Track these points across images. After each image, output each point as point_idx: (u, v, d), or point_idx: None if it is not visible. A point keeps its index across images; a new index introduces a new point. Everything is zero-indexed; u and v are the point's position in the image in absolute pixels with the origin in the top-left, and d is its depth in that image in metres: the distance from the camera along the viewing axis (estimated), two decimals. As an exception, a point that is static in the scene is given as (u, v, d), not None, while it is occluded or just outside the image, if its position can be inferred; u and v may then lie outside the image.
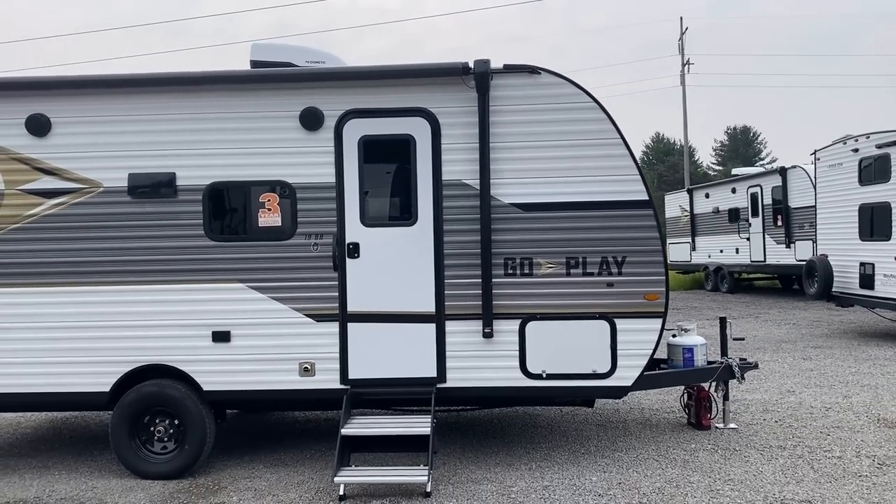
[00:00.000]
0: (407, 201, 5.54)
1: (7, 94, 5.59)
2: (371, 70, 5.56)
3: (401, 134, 5.51)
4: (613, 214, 5.39)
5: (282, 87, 5.52)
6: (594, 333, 5.41)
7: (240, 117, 5.52)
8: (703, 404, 6.51)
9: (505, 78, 5.42)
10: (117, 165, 5.53)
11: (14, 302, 5.58)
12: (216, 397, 5.62)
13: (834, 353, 10.42)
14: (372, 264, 5.52)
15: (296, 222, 5.52)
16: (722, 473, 5.32)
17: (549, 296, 5.44)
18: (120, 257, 5.55)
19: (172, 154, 5.52)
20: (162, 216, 5.54)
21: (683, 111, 37.35)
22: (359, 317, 5.52)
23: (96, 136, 5.54)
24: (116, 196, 5.54)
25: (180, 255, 5.53)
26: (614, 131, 5.41)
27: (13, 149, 5.56)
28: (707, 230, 21.48)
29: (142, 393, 5.57)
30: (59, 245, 5.56)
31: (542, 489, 5.10)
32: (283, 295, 5.52)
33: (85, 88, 5.57)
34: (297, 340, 5.52)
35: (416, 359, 5.51)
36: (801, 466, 5.45)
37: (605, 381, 5.44)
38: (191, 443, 5.56)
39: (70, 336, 5.56)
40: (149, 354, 5.56)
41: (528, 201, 5.44)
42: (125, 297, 5.55)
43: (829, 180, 12.40)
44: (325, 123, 5.49)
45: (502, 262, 5.46)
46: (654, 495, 4.92)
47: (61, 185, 5.56)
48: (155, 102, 5.53)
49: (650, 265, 5.40)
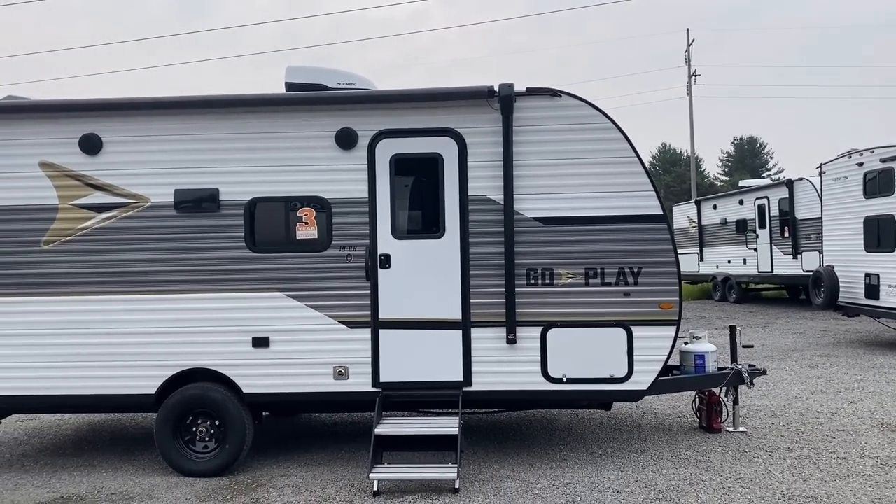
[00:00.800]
0: (435, 215, 5.90)
1: (62, 115, 5.98)
2: (402, 93, 5.94)
3: (430, 152, 5.88)
4: (630, 228, 5.74)
5: (319, 109, 5.90)
6: (612, 340, 5.75)
7: (279, 137, 5.89)
8: (714, 408, 6.82)
9: (528, 100, 5.78)
10: (164, 182, 5.92)
11: (67, 309, 5.95)
12: (255, 399, 5.97)
13: (840, 361, 10.71)
14: (402, 274, 5.87)
15: (331, 235, 5.88)
16: (733, 472, 5.64)
17: (569, 304, 5.78)
18: (166, 268, 5.92)
19: (216, 171, 5.90)
20: (206, 229, 5.91)
21: (690, 122, 37.66)
22: (389, 324, 5.87)
23: (144, 155, 5.93)
24: (163, 210, 5.92)
25: (223, 265, 5.90)
26: (630, 150, 5.77)
27: (67, 166, 5.95)
28: (715, 241, 21.79)
29: (185, 395, 5.92)
30: (110, 256, 5.94)
31: (563, 486, 5.43)
32: (319, 303, 5.87)
33: (134, 110, 5.96)
34: (331, 346, 5.87)
35: (443, 363, 5.85)
36: (808, 466, 5.75)
37: (622, 385, 5.77)
38: (231, 442, 5.90)
39: (119, 342, 5.92)
40: (192, 359, 5.92)
41: (549, 215, 5.79)
42: (170, 305, 5.91)
43: (835, 193, 12.71)
44: (359, 143, 5.87)
45: (525, 273, 5.80)
46: (669, 492, 5.24)
47: (111, 200, 5.94)
48: (200, 123, 5.92)
49: (665, 276, 5.74)
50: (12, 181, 5.97)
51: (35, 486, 5.84)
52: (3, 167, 5.98)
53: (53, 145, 5.97)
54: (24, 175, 5.96)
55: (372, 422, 5.71)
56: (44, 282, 5.96)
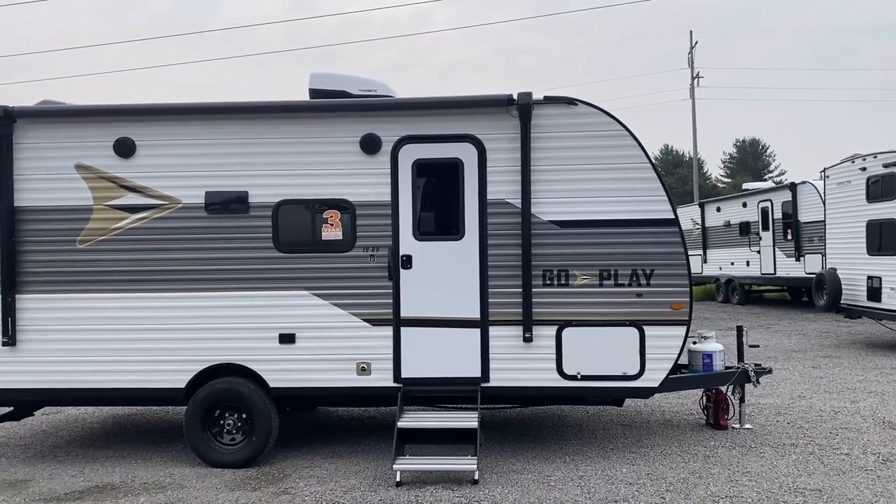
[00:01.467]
0: (455, 218, 6.14)
1: (97, 119, 6.23)
2: (424, 101, 6.18)
3: (450, 157, 6.12)
4: (642, 231, 5.98)
5: (345, 116, 6.14)
6: (625, 339, 5.99)
7: (306, 142, 6.14)
8: (721, 406, 7.06)
9: (545, 108, 6.03)
10: (195, 184, 6.16)
11: (101, 306, 6.20)
12: (281, 393, 6.21)
13: (842, 362, 10.95)
14: (423, 274, 6.11)
15: (355, 236, 6.13)
16: (740, 467, 5.88)
17: (584, 304, 6.02)
18: (196, 267, 6.16)
19: (245, 174, 6.14)
20: (235, 230, 6.15)
21: (693, 125, 37.96)
22: (411, 321, 6.11)
23: (176, 158, 6.18)
24: (194, 211, 6.17)
25: (251, 264, 6.14)
26: (643, 156, 6.01)
27: (102, 168, 6.20)
28: (718, 243, 22.02)
29: (214, 389, 6.17)
30: (142, 255, 6.18)
31: (577, 478, 5.67)
32: (343, 301, 6.12)
33: (167, 115, 6.21)
34: (355, 342, 6.12)
35: (462, 360, 6.09)
36: (812, 461, 5.99)
37: (635, 382, 6.01)
38: (258, 435, 6.15)
39: (150, 337, 6.17)
40: (221, 354, 6.16)
41: (564, 219, 6.03)
42: (200, 303, 6.16)
43: (838, 197, 12.95)
44: (383, 148, 6.11)
45: (541, 274, 6.04)
46: (679, 484, 5.48)
47: (144, 202, 6.19)
48: (230, 128, 6.16)
49: (676, 277, 5.99)
50: (49, 183, 6.22)
51: (70, 476, 6.09)
52: (40, 169, 6.22)
53: (89, 148, 6.21)
54: (61, 177, 6.21)
55: (391, 416, 5.96)
56: (79, 279, 6.20)
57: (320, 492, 5.50)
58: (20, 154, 6.22)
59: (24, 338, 6.22)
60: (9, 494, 5.64)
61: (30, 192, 6.22)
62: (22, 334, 6.22)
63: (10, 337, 6.19)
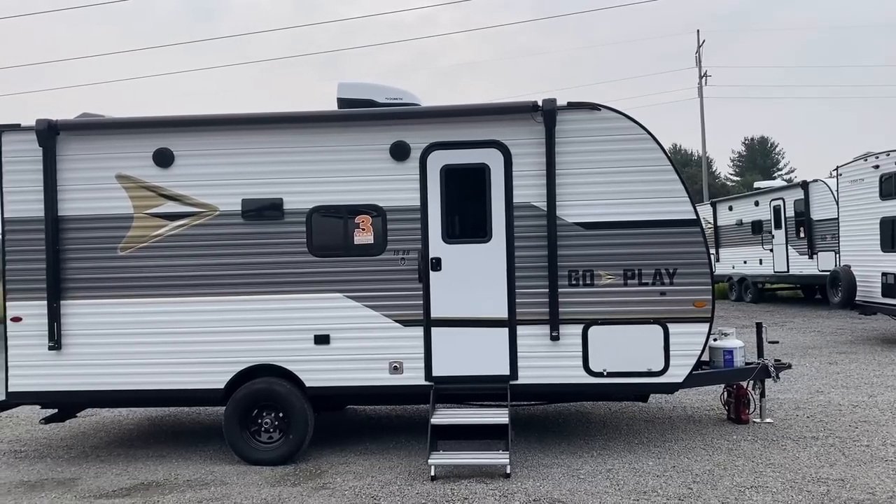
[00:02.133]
0: (482, 221, 6.34)
1: (137, 131, 6.48)
2: (451, 109, 6.40)
3: (477, 163, 6.33)
4: (665, 232, 6.17)
5: (375, 124, 6.37)
6: (649, 336, 6.18)
7: (338, 150, 6.36)
8: (742, 401, 7.23)
9: (569, 113, 6.23)
10: (232, 192, 6.40)
11: (142, 311, 6.44)
12: (316, 393, 6.43)
13: (858, 357, 11.08)
14: (452, 276, 6.32)
15: (386, 240, 6.34)
16: (763, 459, 6.05)
17: (609, 303, 6.22)
18: (234, 271, 6.40)
19: (280, 182, 6.37)
20: (271, 235, 6.39)
21: (701, 123, 37.97)
22: (441, 322, 6.32)
23: (213, 167, 6.42)
24: (231, 218, 6.40)
25: (286, 268, 6.37)
26: (665, 159, 6.21)
27: (142, 178, 6.45)
28: (731, 242, 22.13)
29: (252, 389, 6.40)
30: (181, 261, 6.42)
31: (606, 471, 5.86)
32: (376, 303, 6.33)
33: (204, 126, 6.45)
34: (387, 342, 6.33)
35: (491, 359, 6.30)
36: (834, 453, 6.16)
37: (659, 378, 6.20)
38: (294, 433, 6.37)
39: (190, 340, 6.41)
40: (258, 355, 6.39)
41: (589, 220, 6.23)
42: (238, 306, 6.39)
43: (851, 195, 13.09)
44: (412, 155, 6.33)
45: (566, 274, 6.24)
46: (705, 475, 5.66)
47: (183, 209, 6.43)
48: (265, 138, 6.40)
49: (698, 276, 6.17)
50: (91, 192, 6.47)
51: (115, 474, 6.32)
52: (82, 180, 6.48)
53: (129, 159, 6.46)
54: (102, 187, 6.46)
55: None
56: (121, 285, 6.45)
57: (358, 486, 5.71)
58: (63, 165, 6.48)
59: (69, 342, 6.47)
60: (60, 492, 5.89)
61: (73, 202, 6.48)
62: (67, 339, 6.47)
63: (55, 341, 6.44)
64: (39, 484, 6.13)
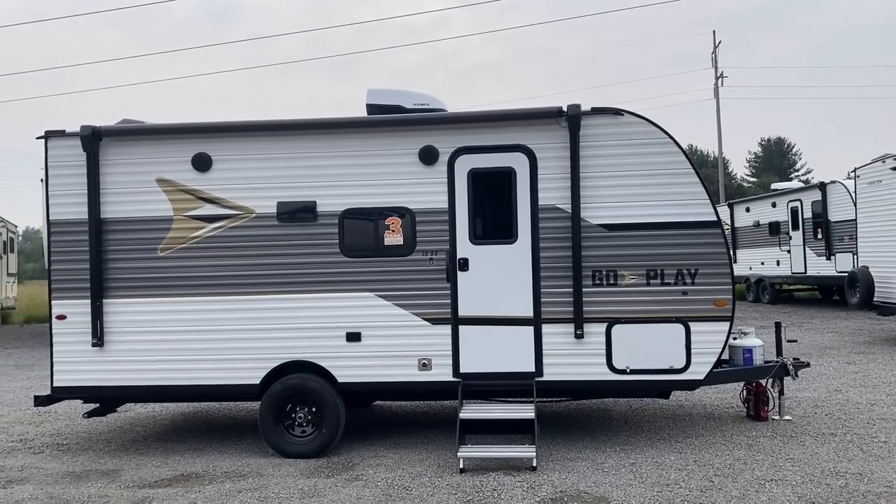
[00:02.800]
0: (508, 223, 6.56)
1: (176, 136, 6.76)
2: (478, 114, 6.62)
3: (503, 166, 6.55)
4: (687, 233, 6.36)
5: (404, 129, 6.60)
6: (671, 335, 6.36)
7: (370, 154, 6.60)
8: (762, 398, 7.39)
9: (593, 118, 6.43)
10: (267, 195, 6.65)
11: (180, 309, 6.71)
12: (348, 388, 6.67)
13: (876, 357, 11.18)
14: (479, 276, 6.54)
15: (415, 241, 6.57)
16: (782, 454, 6.22)
17: (632, 302, 6.41)
18: (269, 271, 6.65)
19: (314, 185, 6.62)
20: (305, 237, 6.63)
21: (718, 125, 37.98)
22: (468, 320, 6.54)
23: (250, 171, 6.68)
24: (267, 220, 6.66)
25: (320, 269, 6.61)
26: (687, 162, 6.40)
27: (181, 182, 6.72)
28: (748, 243, 22.19)
29: (286, 385, 6.65)
30: (219, 262, 6.69)
31: (629, 465, 6.05)
32: (405, 302, 6.56)
33: (241, 131, 6.71)
34: (416, 340, 6.56)
35: (517, 356, 6.51)
36: (852, 449, 6.32)
37: (681, 375, 6.38)
38: (327, 427, 6.61)
39: (227, 338, 6.67)
40: (292, 352, 6.64)
41: (612, 222, 6.42)
42: (273, 305, 6.64)
43: (870, 196, 13.17)
44: (440, 159, 6.55)
45: (590, 274, 6.44)
46: (726, 469, 5.84)
47: (220, 212, 6.69)
48: (299, 142, 6.65)
49: (719, 276, 6.35)
50: (132, 195, 6.75)
51: (155, 466, 6.59)
52: (124, 183, 6.76)
53: (168, 163, 6.73)
54: (143, 190, 6.74)
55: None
56: (161, 285, 6.72)
57: (390, 478, 5.94)
58: (106, 169, 6.76)
59: (111, 339, 6.75)
60: (104, 482, 6.16)
61: (115, 205, 6.76)
62: (109, 336, 6.75)
63: (98, 338, 6.72)
64: (84, 475, 6.41)
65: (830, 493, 5.26)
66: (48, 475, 6.43)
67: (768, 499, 5.17)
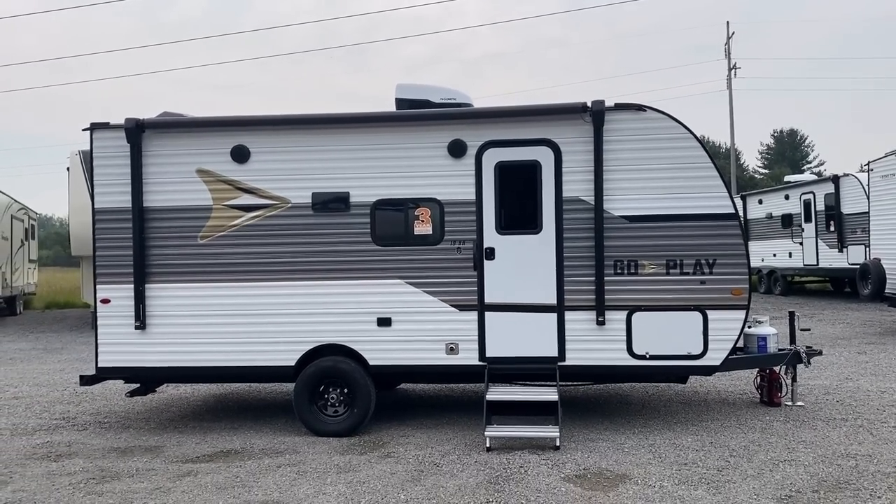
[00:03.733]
0: (533, 214, 6.83)
1: (216, 129, 7.06)
2: (505, 109, 6.89)
3: (529, 160, 6.82)
4: (705, 225, 6.62)
5: (434, 124, 6.88)
6: (689, 322, 6.64)
7: (401, 147, 6.89)
8: (775, 385, 7.67)
9: (616, 114, 6.69)
10: (303, 186, 6.95)
11: (219, 294, 7.03)
12: (378, 370, 6.98)
13: (887, 348, 11.41)
14: (505, 264, 6.83)
15: (444, 230, 6.86)
16: (795, 437, 6.50)
17: (652, 291, 6.68)
18: (304, 259, 6.96)
19: (347, 177, 6.92)
20: (338, 226, 6.94)
21: (730, 117, 37.95)
22: (494, 307, 6.83)
23: (286, 163, 6.98)
24: (302, 210, 6.96)
25: (352, 256, 6.92)
26: (706, 157, 6.65)
27: (220, 173, 7.03)
28: (760, 235, 22.35)
29: (320, 367, 6.97)
30: (256, 249, 7.00)
31: (648, 445, 6.35)
32: (434, 289, 6.86)
33: (278, 125, 7.01)
34: (444, 325, 6.86)
35: (540, 341, 6.80)
36: (862, 433, 6.59)
37: (698, 361, 6.66)
38: (358, 407, 6.93)
39: (263, 321, 6.99)
40: (326, 336, 6.96)
41: (634, 214, 6.69)
42: (307, 290, 6.96)
43: (883, 189, 13.35)
44: (468, 152, 6.83)
45: (612, 264, 6.71)
46: (741, 451, 6.13)
47: (258, 202, 7.00)
48: (334, 136, 6.94)
49: (736, 266, 6.62)
50: (173, 185, 7.06)
51: (195, 443, 6.94)
52: (165, 174, 7.07)
53: (208, 155, 7.04)
54: (184, 180, 7.05)
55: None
56: (200, 270, 7.05)
57: (420, 455, 6.26)
58: (148, 160, 7.08)
59: (152, 322, 7.09)
60: (149, 457, 6.51)
61: (157, 194, 7.08)
62: (151, 319, 7.09)
63: (141, 321, 7.06)
64: (129, 450, 6.77)
65: (841, 472, 5.54)
66: (94, 450, 6.78)
67: (782, 477, 5.45)
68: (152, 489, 5.61)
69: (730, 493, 5.15)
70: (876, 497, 5.02)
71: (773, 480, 5.40)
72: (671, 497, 5.11)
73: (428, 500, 5.17)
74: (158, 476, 5.93)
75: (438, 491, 5.35)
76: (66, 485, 5.77)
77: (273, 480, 5.72)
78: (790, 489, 5.21)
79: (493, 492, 5.30)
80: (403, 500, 5.19)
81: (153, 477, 5.91)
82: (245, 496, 5.39)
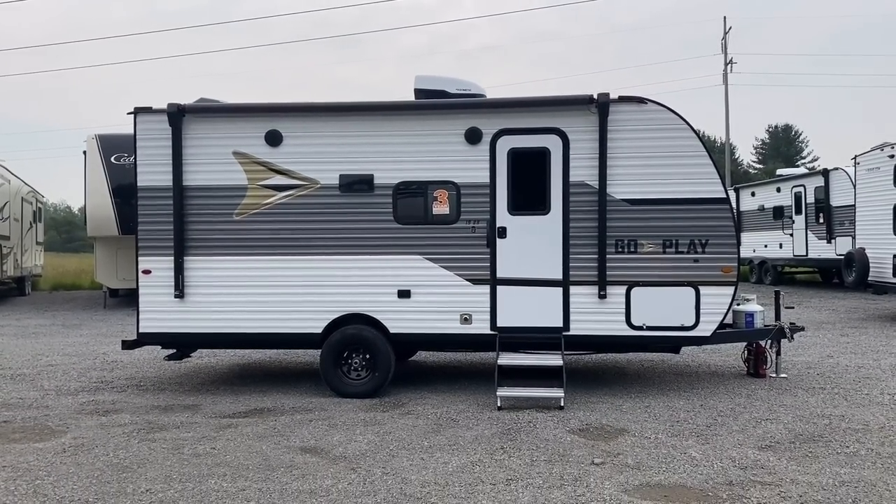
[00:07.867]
0: (542, 196, 7.47)
1: (251, 115, 7.66)
2: (518, 100, 7.52)
3: (539, 147, 7.45)
4: (699, 208, 7.27)
5: (452, 113, 7.51)
6: (683, 296, 7.30)
7: (421, 134, 7.51)
8: (761, 358, 8.35)
9: (619, 105, 7.32)
10: (331, 168, 7.57)
11: (253, 266, 7.65)
12: (398, 338, 7.63)
13: (868, 331, 12.13)
14: (515, 242, 7.47)
15: (460, 211, 7.49)
16: (777, 401, 7.18)
17: (649, 268, 7.34)
18: (331, 235, 7.58)
19: (371, 160, 7.54)
20: (363, 206, 7.56)
21: (726, 112, 38.55)
22: (505, 281, 7.48)
23: (316, 147, 7.59)
24: (330, 191, 7.58)
25: (375, 234, 7.55)
26: (701, 146, 7.30)
27: (255, 155, 7.63)
28: (752, 226, 23.06)
29: (345, 334, 7.61)
30: (287, 226, 7.62)
31: (644, 407, 7.02)
32: (450, 264, 7.50)
33: (309, 112, 7.62)
34: (459, 297, 7.50)
35: (547, 313, 7.45)
36: (838, 399, 7.27)
37: (691, 332, 7.33)
38: (380, 371, 7.58)
39: (293, 292, 7.62)
40: (351, 306, 7.59)
41: (634, 197, 7.33)
42: (334, 264, 7.59)
43: (868, 182, 14.04)
44: (483, 139, 7.45)
45: (613, 243, 7.36)
46: (728, 411, 6.80)
47: (289, 182, 7.62)
48: (360, 123, 7.56)
49: (726, 246, 7.28)
50: (211, 166, 7.67)
51: (229, 402, 7.57)
52: (204, 156, 7.67)
53: (243, 138, 7.65)
54: (220, 162, 7.65)
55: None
56: (236, 245, 7.67)
57: (438, 413, 6.92)
58: (188, 143, 7.68)
59: (190, 291, 7.71)
60: (189, 413, 7.14)
61: (196, 174, 7.68)
62: (189, 289, 7.71)
63: (180, 291, 7.68)
64: (170, 407, 7.40)
65: (815, 428, 6.22)
66: (138, 407, 7.41)
67: (763, 432, 6.13)
68: (199, 437, 6.25)
69: (717, 444, 5.83)
70: (845, 447, 5.69)
71: (755, 434, 6.07)
72: (665, 446, 5.78)
73: (450, 447, 5.82)
74: (202, 427, 6.57)
75: (458, 440, 6.01)
76: (119, 434, 6.40)
77: (308, 431, 6.37)
78: (770, 440, 5.89)
79: (506, 440, 5.97)
80: (427, 446, 5.85)
81: (197, 428, 6.55)
82: (285, 443, 6.03)
